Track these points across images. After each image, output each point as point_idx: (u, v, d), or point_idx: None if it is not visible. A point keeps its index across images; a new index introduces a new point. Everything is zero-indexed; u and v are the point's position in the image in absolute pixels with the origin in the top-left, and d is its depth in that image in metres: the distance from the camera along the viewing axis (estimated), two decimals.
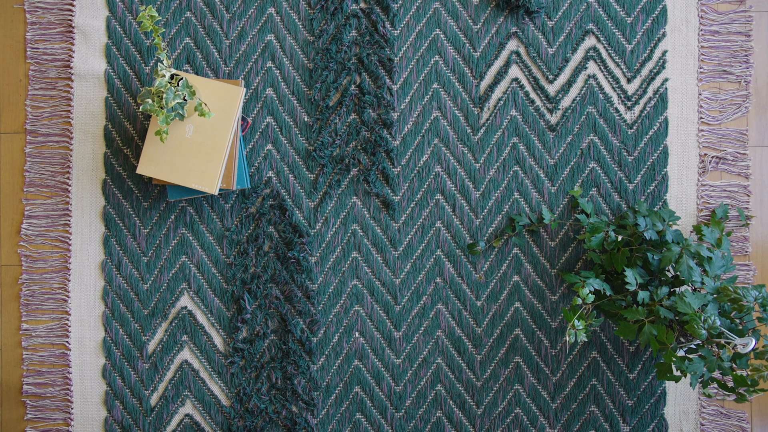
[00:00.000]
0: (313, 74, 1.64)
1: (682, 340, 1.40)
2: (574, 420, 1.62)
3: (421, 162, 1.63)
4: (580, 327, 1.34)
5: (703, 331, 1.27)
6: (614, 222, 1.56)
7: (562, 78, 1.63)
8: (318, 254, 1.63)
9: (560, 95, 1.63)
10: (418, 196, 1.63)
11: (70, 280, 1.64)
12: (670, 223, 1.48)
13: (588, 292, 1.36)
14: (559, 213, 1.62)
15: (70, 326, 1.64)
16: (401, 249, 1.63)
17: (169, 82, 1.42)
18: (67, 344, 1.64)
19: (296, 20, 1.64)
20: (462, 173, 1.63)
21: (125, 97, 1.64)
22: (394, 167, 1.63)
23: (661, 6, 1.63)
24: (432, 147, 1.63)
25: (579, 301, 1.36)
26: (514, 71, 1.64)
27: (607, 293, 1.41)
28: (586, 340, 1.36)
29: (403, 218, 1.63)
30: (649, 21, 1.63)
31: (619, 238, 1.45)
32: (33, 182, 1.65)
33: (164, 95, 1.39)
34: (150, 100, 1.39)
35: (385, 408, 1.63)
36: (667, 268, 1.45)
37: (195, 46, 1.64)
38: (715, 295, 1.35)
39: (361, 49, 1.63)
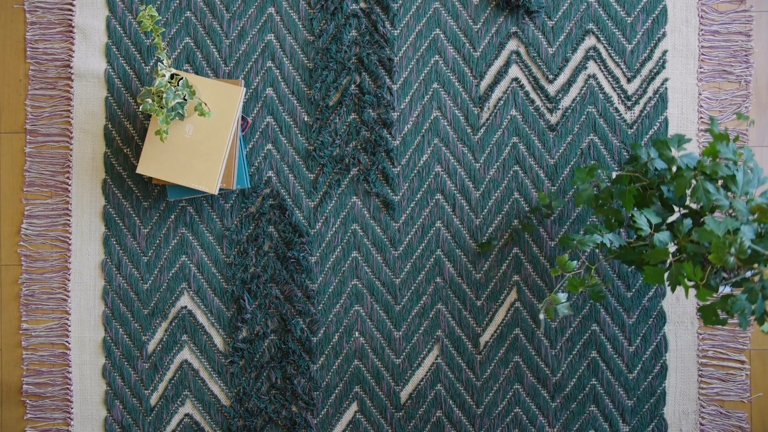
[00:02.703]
0: (313, 74, 1.64)
1: (725, 276, 1.19)
2: (574, 420, 1.62)
3: (421, 162, 1.63)
4: (563, 300, 1.20)
5: (731, 258, 1.08)
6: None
7: (562, 78, 1.63)
8: (318, 254, 1.63)
9: (560, 95, 1.63)
10: (418, 196, 1.63)
11: (70, 280, 1.64)
12: (680, 148, 1.26)
13: (567, 260, 1.21)
14: (559, 212, 1.62)
15: (70, 326, 1.64)
16: (401, 249, 1.63)
17: (169, 82, 1.42)
18: (67, 344, 1.64)
19: (296, 20, 1.64)
20: (462, 173, 1.63)
21: (125, 97, 1.64)
22: (394, 167, 1.63)
23: (661, 6, 1.63)
24: (432, 147, 1.63)
25: (558, 272, 1.22)
26: (514, 71, 1.64)
27: (616, 244, 1.23)
28: (567, 314, 1.19)
29: (403, 218, 1.63)
30: (649, 21, 1.63)
31: (613, 175, 1.24)
32: (33, 182, 1.65)
33: (164, 95, 1.39)
34: (150, 100, 1.39)
35: (385, 408, 1.63)
36: (689, 200, 1.24)
37: (195, 46, 1.64)
38: (751, 218, 1.14)
39: (361, 48, 1.63)
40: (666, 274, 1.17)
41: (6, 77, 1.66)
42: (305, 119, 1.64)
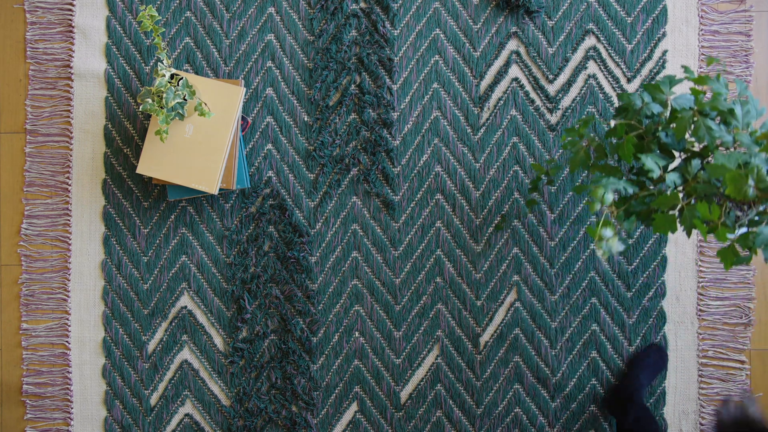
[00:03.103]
0: (313, 74, 1.64)
1: (738, 214, 1.13)
2: (574, 420, 1.62)
3: (421, 162, 1.63)
4: (610, 235, 1.11)
5: (751, 189, 1.03)
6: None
7: (562, 78, 1.63)
8: (318, 254, 1.63)
9: (560, 95, 1.63)
10: (418, 196, 1.63)
11: (70, 280, 1.64)
12: (672, 90, 1.21)
13: (603, 193, 1.11)
14: (559, 211, 1.62)
15: (70, 326, 1.64)
16: (401, 249, 1.63)
17: (169, 82, 1.42)
18: (67, 344, 1.64)
19: (296, 20, 1.64)
20: (462, 173, 1.63)
21: (125, 97, 1.64)
22: (394, 167, 1.63)
23: (661, 6, 1.63)
24: (432, 147, 1.63)
25: (597, 207, 1.12)
26: (514, 71, 1.64)
27: (629, 191, 1.16)
28: (621, 249, 1.12)
29: (403, 218, 1.63)
30: (650, 21, 1.63)
31: (610, 124, 1.19)
32: (33, 182, 1.65)
33: (164, 95, 1.39)
34: (150, 100, 1.39)
35: (385, 408, 1.63)
36: (690, 142, 1.19)
37: (195, 46, 1.64)
38: (757, 148, 1.09)
39: (361, 48, 1.63)
40: (678, 221, 1.11)
41: (6, 77, 1.66)
42: (305, 119, 1.64)
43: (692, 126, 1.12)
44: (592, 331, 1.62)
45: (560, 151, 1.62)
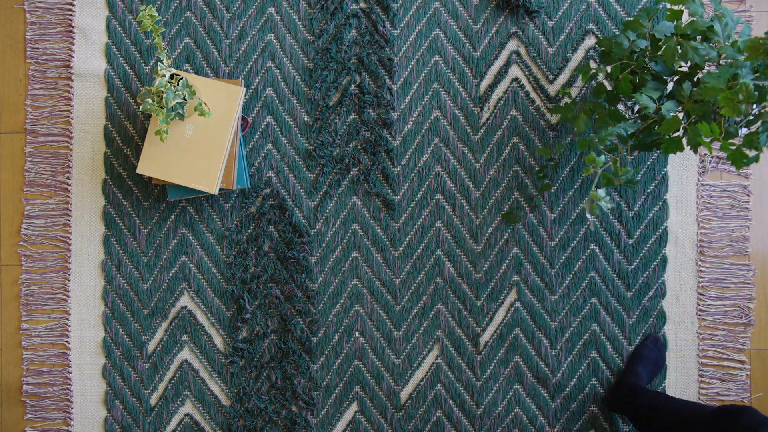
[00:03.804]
0: (313, 74, 1.64)
1: (737, 120, 1.24)
2: (574, 420, 1.62)
3: (421, 162, 1.63)
4: (603, 195, 1.21)
5: (743, 105, 1.11)
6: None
7: (563, 78, 1.63)
8: (318, 254, 1.63)
9: (560, 95, 1.63)
10: (418, 196, 1.63)
11: (70, 280, 1.64)
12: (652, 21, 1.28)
13: (597, 157, 1.22)
14: (559, 211, 1.62)
15: (70, 326, 1.64)
16: (401, 249, 1.63)
17: (169, 82, 1.42)
18: (67, 344, 1.64)
19: (296, 20, 1.64)
20: (462, 173, 1.63)
21: (125, 97, 1.64)
22: (394, 167, 1.63)
23: (661, 6, 1.62)
24: (432, 147, 1.63)
25: (591, 170, 1.23)
26: (515, 71, 1.64)
27: (630, 130, 1.27)
28: (610, 206, 1.22)
29: (403, 218, 1.63)
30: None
31: (608, 69, 1.28)
32: (33, 182, 1.65)
33: (164, 95, 1.39)
34: (150, 100, 1.39)
35: (385, 408, 1.63)
36: (677, 63, 1.26)
37: (195, 46, 1.64)
38: (742, 57, 1.17)
39: (361, 49, 1.63)
40: (684, 142, 1.19)
41: (6, 77, 1.66)
42: (305, 119, 1.64)
43: (679, 50, 1.21)
44: (592, 331, 1.62)
45: (560, 151, 1.63)
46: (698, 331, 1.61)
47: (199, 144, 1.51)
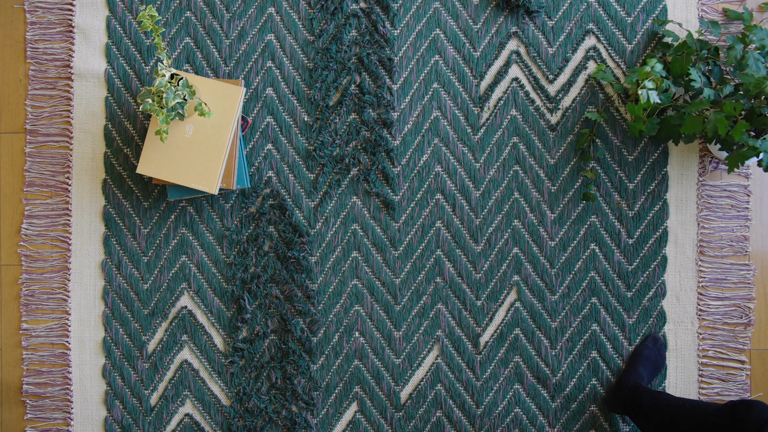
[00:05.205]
0: (313, 74, 1.64)
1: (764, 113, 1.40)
2: (574, 420, 1.62)
3: (421, 162, 1.63)
4: (651, 86, 1.39)
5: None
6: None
7: (563, 78, 1.63)
8: (318, 254, 1.63)
9: (560, 95, 1.63)
10: (418, 196, 1.63)
11: (70, 280, 1.64)
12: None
13: (653, 66, 1.43)
14: (559, 211, 1.62)
15: (70, 326, 1.64)
16: (401, 249, 1.63)
17: (169, 82, 1.42)
18: (67, 344, 1.64)
19: (296, 20, 1.64)
20: (462, 173, 1.63)
21: (125, 97, 1.64)
22: (394, 167, 1.63)
23: (661, 6, 1.63)
24: (432, 147, 1.63)
25: (647, 69, 1.42)
26: (514, 71, 1.64)
27: (671, 88, 1.45)
28: (659, 101, 1.39)
29: (403, 218, 1.63)
30: (650, 21, 1.62)
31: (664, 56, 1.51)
32: (33, 182, 1.65)
33: (164, 95, 1.39)
34: (150, 100, 1.39)
35: (385, 408, 1.63)
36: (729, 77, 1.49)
37: (195, 46, 1.64)
38: None
39: (361, 48, 1.63)
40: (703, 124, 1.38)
41: (6, 77, 1.66)
42: (305, 119, 1.64)
43: (740, 57, 1.43)
44: (592, 331, 1.62)
45: (560, 151, 1.62)
46: (698, 331, 1.61)
47: (199, 144, 1.51)
